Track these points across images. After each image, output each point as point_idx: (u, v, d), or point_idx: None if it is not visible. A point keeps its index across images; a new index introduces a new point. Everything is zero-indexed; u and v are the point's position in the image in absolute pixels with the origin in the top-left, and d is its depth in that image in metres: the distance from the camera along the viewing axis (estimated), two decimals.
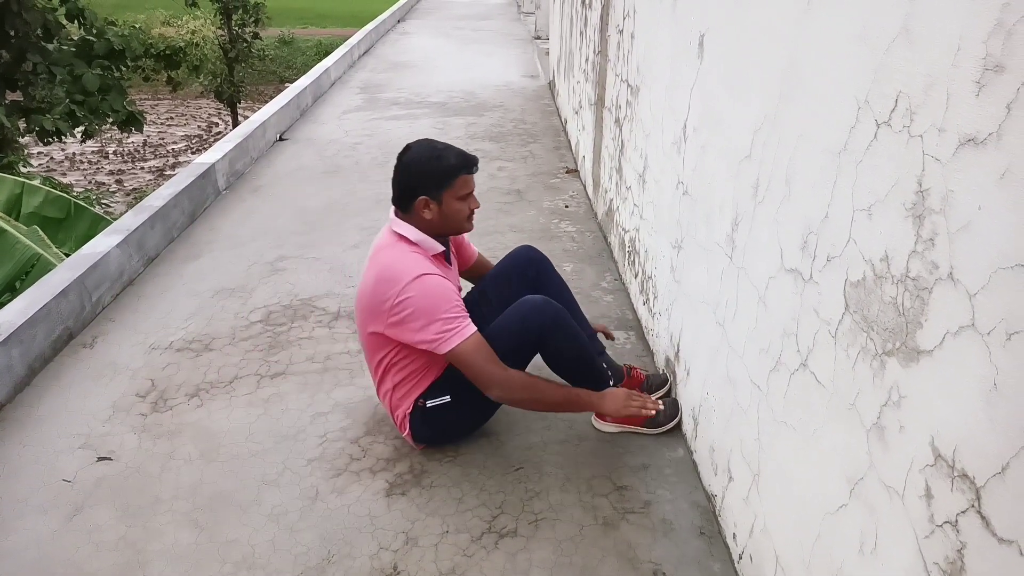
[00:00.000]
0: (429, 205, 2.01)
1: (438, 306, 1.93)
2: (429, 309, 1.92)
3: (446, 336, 1.92)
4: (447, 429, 2.18)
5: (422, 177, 2.00)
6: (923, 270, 1.00)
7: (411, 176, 2.01)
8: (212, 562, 1.82)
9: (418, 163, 2.01)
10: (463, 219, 2.08)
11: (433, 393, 2.09)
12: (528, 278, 2.35)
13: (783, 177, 1.50)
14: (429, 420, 2.11)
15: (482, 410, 2.18)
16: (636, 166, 3.01)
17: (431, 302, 1.93)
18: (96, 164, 15.87)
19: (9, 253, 3.92)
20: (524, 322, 2.06)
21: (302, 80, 6.98)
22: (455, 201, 2.03)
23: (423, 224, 2.04)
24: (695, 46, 2.14)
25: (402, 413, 2.13)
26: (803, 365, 1.39)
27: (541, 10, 10.24)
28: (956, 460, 0.93)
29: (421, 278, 1.93)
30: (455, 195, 2.02)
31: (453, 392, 2.08)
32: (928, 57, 0.99)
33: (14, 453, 2.21)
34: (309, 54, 25.32)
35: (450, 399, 2.08)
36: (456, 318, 1.94)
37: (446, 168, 2.00)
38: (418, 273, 1.94)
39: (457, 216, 2.05)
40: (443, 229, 2.07)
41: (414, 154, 2.02)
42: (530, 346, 2.09)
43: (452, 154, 2.02)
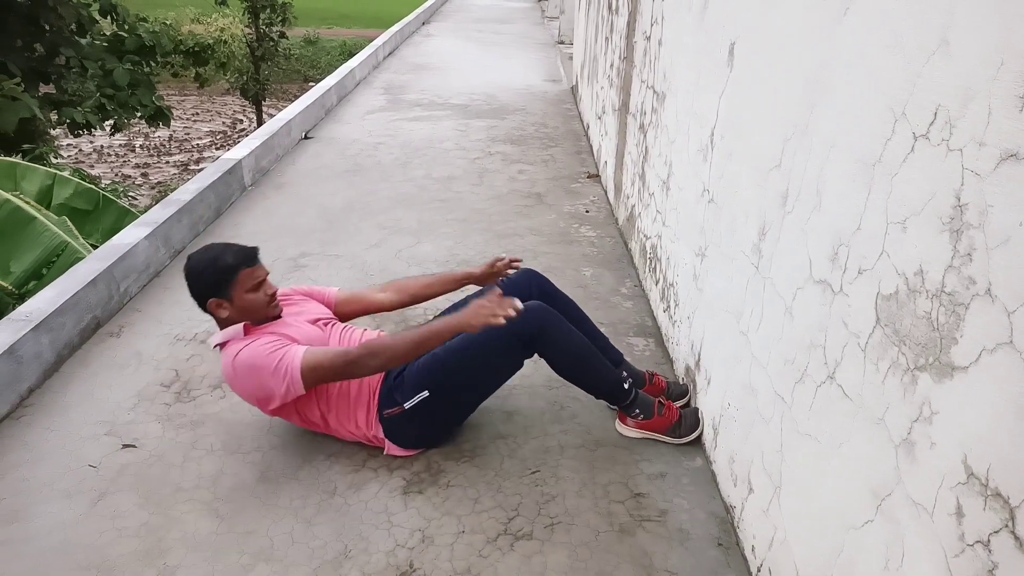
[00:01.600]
0: (222, 304, 2.03)
1: (260, 367, 1.96)
2: (259, 375, 1.97)
3: (288, 376, 1.96)
4: (435, 424, 2.16)
5: (204, 284, 2.02)
6: (959, 285, 0.99)
7: (195, 285, 2.03)
8: (231, 552, 1.84)
9: (196, 273, 2.03)
10: (262, 307, 2.07)
11: (406, 394, 2.08)
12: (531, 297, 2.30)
13: (813, 187, 1.49)
14: (416, 420, 2.10)
15: (465, 399, 2.18)
16: (660, 172, 3.00)
17: (254, 370, 1.97)
18: (123, 157, 16.08)
19: (38, 240, 3.98)
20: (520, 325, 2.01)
21: (327, 80, 7.03)
22: (246, 295, 2.04)
23: (227, 323, 2.07)
24: (725, 53, 2.14)
25: (371, 434, 2.14)
26: (830, 378, 1.38)
27: (565, 15, 10.25)
28: (990, 478, 0.92)
29: (235, 360, 1.98)
30: (243, 289, 2.03)
31: (429, 385, 2.07)
32: (968, 70, 0.99)
33: (41, 438, 2.24)
34: (333, 54, 25.51)
35: (428, 393, 2.07)
36: (281, 360, 1.96)
37: (223, 269, 2.01)
38: (230, 358, 2.00)
39: (255, 306, 2.06)
40: (248, 320, 2.07)
41: (191, 265, 2.04)
42: (524, 349, 2.09)
43: (229, 254, 2.04)
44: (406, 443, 2.16)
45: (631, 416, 2.23)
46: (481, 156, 5.29)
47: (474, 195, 4.48)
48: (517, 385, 2.46)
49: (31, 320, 2.49)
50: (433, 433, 2.19)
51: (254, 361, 1.97)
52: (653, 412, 2.21)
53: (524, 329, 2.04)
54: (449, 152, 5.38)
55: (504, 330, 1.98)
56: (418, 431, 2.14)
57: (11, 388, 2.36)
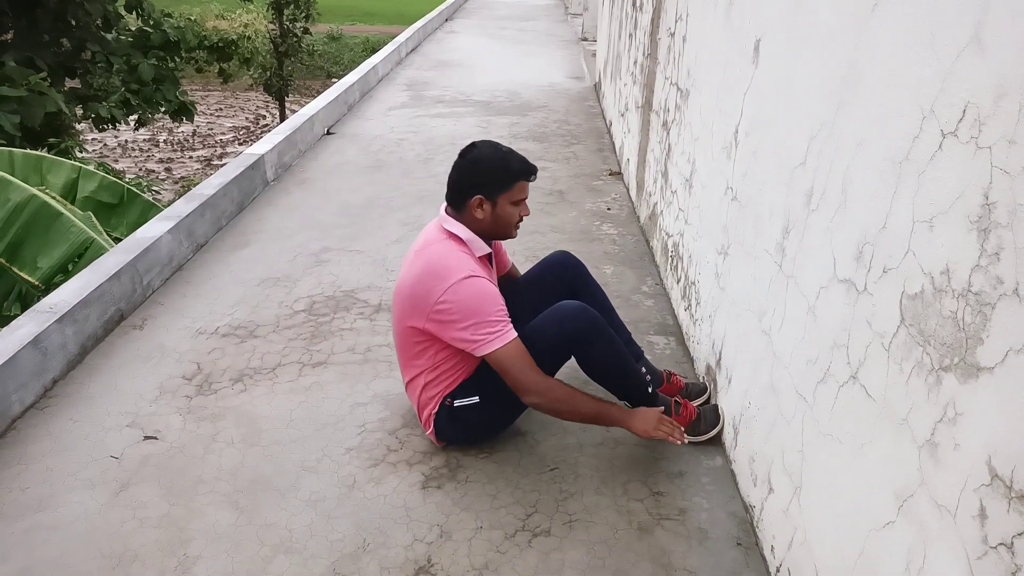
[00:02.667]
0: (483, 205, 2.03)
1: (484, 308, 1.94)
2: (474, 310, 1.93)
3: (488, 339, 1.93)
4: (472, 430, 2.18)
5: (483, 176, 2.02)
6: (986, 285, 0.98)
7: (472, 173, 2.03)
8: (251, 544, 1.86)
9: (482, 162, 2.03)
10: (512, 224, 2.10)
11: (462, 393, 2.10)
12: (564, 283, 2.35)
13: (839, 185, 1.47)
14: (456, 420, 2.12)
15: (509, 413, 2.18)
16: (683, 170, 2.98)
17: (477, 304, 1.94)
18: (147, 152, 16.28)
19: (65, 236, 4.03)
20: (560, 327, 2.05)
21: (350, 76, 7.06)
22: (509, 205, 2.05)
23: (473, 223, 2.06)
24: (750, 50, 2.12)
25: (429, 411, 2.14)
26: (853, 378, 1.37)
27: (589, 12, 10.21)
28: (1015, 480, 0.91)
29: (469, 279, 1.95)
30: (510, 199, 2.04)
31: (482, 393, 2.08)
32: (1000, 67, 0.97)
33: (65, 428, 2.28)
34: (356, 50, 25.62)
35: (479, 400, 2.09)
36: (500, 322, 1.95)
37: (508, 171, 2.03)
38: (467, 273, 1.95)
39: (508, 220, 2.08)
40: (492, 231, 2.09)
41: (479, 152, 2.05)
42: (564, 352, 2.08)
43: (515, 159, 2.05)
44: (442, 435, 2.17)
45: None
46: None
47: None
48: None
49: (56, 312, 2.53)
50: (465, 436, 2.20)
51: (483, 301, 1.94)
52: (671, 412, 2.20)
53: (567, 337, 2.05)
54: None
55: (552, 339, 2.02)
56: (454, 430, 2.15)
57: (36, 379, 2.40)
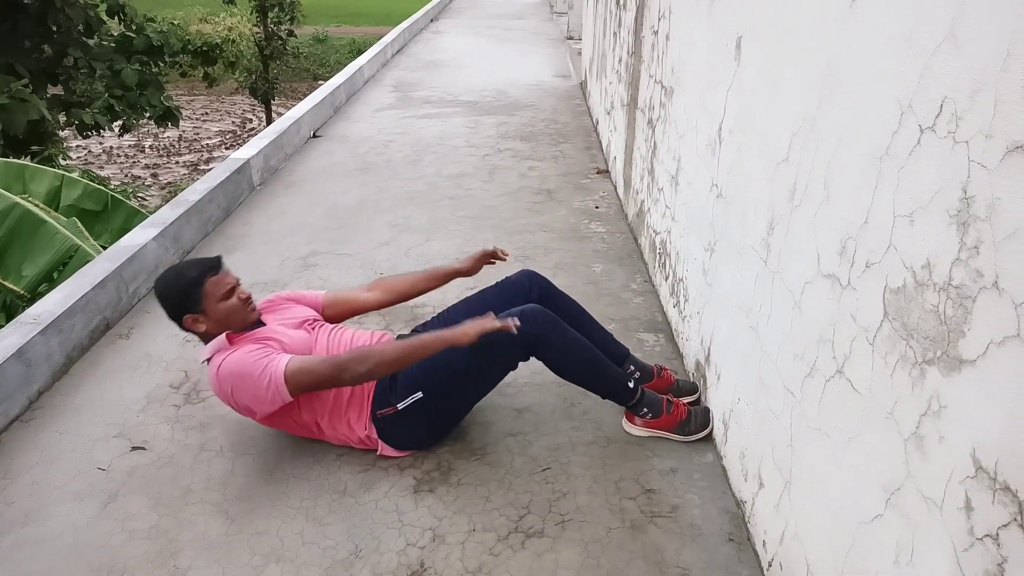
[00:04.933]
0: (198, 319, 2.02)
1: (244, 376, 1.95)
2: (244, 384, 1.96)
3: (273, 385, 1.95)
4: (428, 426, 2.16)
5: (175, 302, 2.02)
6: (967, 278, 0.98)
7: (167, 306, 2.03)
8: (242, 553, 1.85)
9: (164, 294, 2.03)
10: (240, 312, 2.06)
11: (401, 394, 2.08)
12: (531, 298, 2.30)
13: (821, 181, 1.48)
14: (408, 421, 2.09)
15: (464, 395, 2.16)
16: (669, 168, 2.99)
17: (239, 380, 1.96)
18: (132, 158, 16.18)
19: (49, 243, 4.00)
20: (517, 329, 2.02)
21: (336, 78, 7.05)
22: (218, 304, 2.02)
23: (207, 336, 2.06)
24: (732, 47, 2.12)
25: (364, 436, 2.13)
26: (839, 372, 1.37)
27: (574, 10, 10.22)
28: (998, 472, 0.91)
29: (219, 371, 1.98)
30: (214, 300, 2.01)
31: (422, 386, 2.07)
32: (976, 62, 0.97)
33: (52, 440, 2.26)
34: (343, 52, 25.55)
35: (423, 394, 2.07)
36: (265, 367, 1.95)
37: (189, 283, 2.00)
38: (215, 370, 1.99)
39: (231, 313, 2.04)
40: (229, 327, 2.05)
41: (158, 288, 2.05)
42: (522, 352, 2.08)
43: (190, 269, 2.04)
44: (398, 443, 2.15)
45: (639, 415, 2.22)
46: (491, 153, 5.29)
47: (484, 192, 4.48)
48: (527, 382, 2.46)
49: (40, 322, 2.51)
50: (425, 434, 2.18)
51: (239, 369, 1.96)
52: (661, 410, 2.20)
53: (527, 337, 2.03)
54: (459, 149, 5.38)
55: (508, 340, 2.00)
56: (410, 432, 2.14)
57: (21, 390, 2.38)
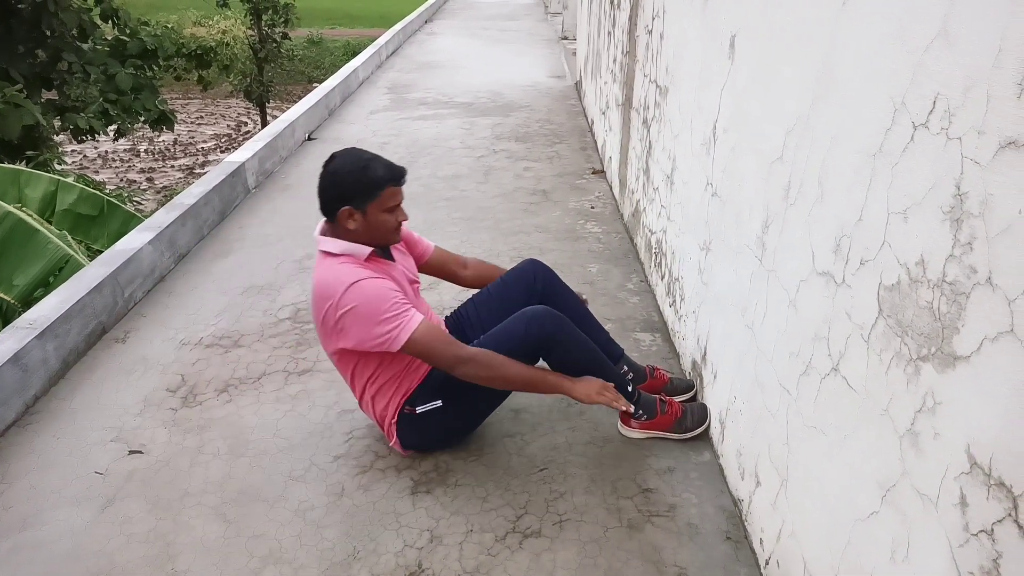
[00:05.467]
0: (353, 215, 1.94)
1: (377, 307, 1.89)
2: (370, 312, 1.89)
3: (394, 333, 1.90)
4: (440, 434, 2.16)
5: (347, 187, 1.93)
6: (960, 274, 0.98)
7: (336, 186, 1.94)
8: (240, 556, 1.85)
9: (343, 173, 1.93)
10: (389, 231, 2.00)
11: (422, 398, 2.08)
12: (535, 292, 2.30)
13: (815, 179, 1.48)
14: (420, 426, 2.10)
15: (474, 414, 2.17)
16: (664, 167, 2.99)
17: (370, 305, 1.90)
18: (128, 162, 16.16)
19: (41, 253, 3.98)
20: (526, 330, 2.02)
21: (331, 80, 7.04)
22: (381, 213, 1.95)
23: (348, 235, 1.98)
24: (726, 46, 2.13)
25: (388, 421, 2.12)
26: (834, 370, 1.38)
27: (568, 11, 10.22)
28: (993, 468, 0.91)
29: (353, 285, 1.90)
30: (381, 207, 1.95)
31: (444, 396, 2.07)
32: (968, 58, 0.98)
33: (48, 445, 2.26)
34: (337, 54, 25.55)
35: (441, 403, 2.07)
36: (398, 314, 1.90)
37: (372, 179, 1.93)
38: (350, 282, 1.90)
39: (383, 228, 1.98)
40: (369, 240, 2.00)
41: (339, 163, 1.95)
42: (530, 354, 2.06)
43: (379, 165, 1.95)
44: (407, 443, 2.15)
45: (634, 417, 2.21)
46: (486, 154, 5.29)
47: (480, 193, 4.48)
48: None
49: (36, 327, 2.51)
50: (432, 442, 2.19)
51: (375, 299, 1.89)
52: (656, 411, 2.20)
53: (534, 339, 2.03)
54: (455, 150, 5.38)
55: (518, 342, 2.01)
56: (419, 436, 2.14)
57: (17, 396, 2.37)
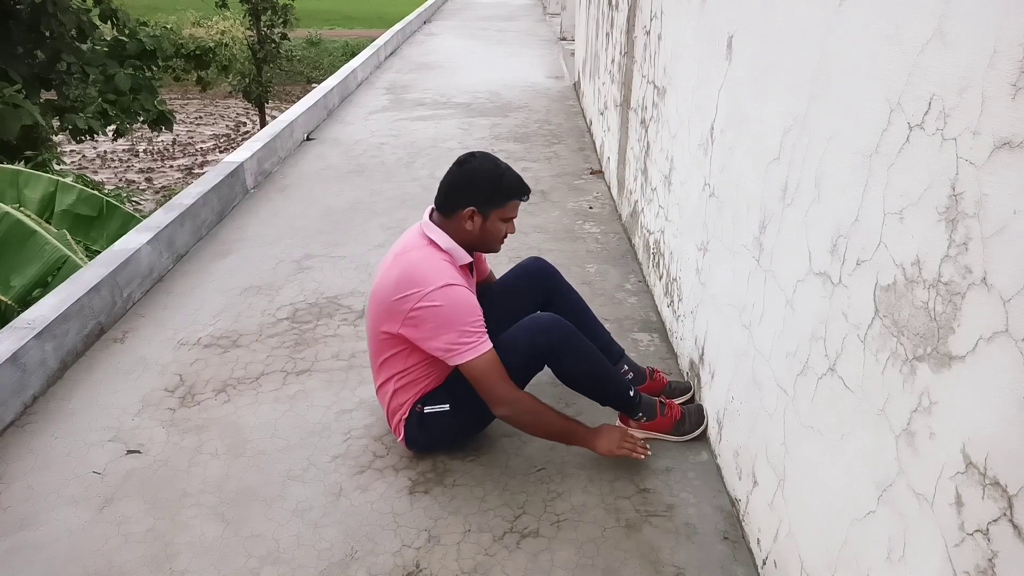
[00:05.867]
0: (474, 217, 2.00)
1: (460, 318, 1.91)
2: (451, 319, 1.91)
3: (463, 349, 1.91)
4: (442, 437, 2.16)
5: (480, 189, 2.00)
6: (956, 275, 0.99)
7: (469, 185, 2.00)
8: (238, 556, 1.85)
9: (480, 175, 2.01)
10: (498, 240, 2.09)
11: (433, 400, 2.09)
12: (539, 289, 2.33)
13: (812, 179, 1.49)
14: (425, 426, 2.10)
15: (479, 422, 2.17)
16: (662, 167, 3.00)
17: (454, 313, 1.91)
18: (127, 162, 16.16)
19: (39, 253, 3.98)
20: (532, 339, 2.03)
21: (329, 81, 7.04)
22: (499, 221, 2.04)
23: (460, 234, 2.03)
24: (723, 47, 2.13)
25: (400, 416, 2.12)
26: (831, 369, 1.38)
27: (567, 11, 10.22)
28: (988, 468, 0.92)
29: (448, 287, 1.92)
30: (502, 216, 2.03)
31: (453, 401, 2.07)
32: (963, 59, 0.98)
33: (47, 445, 2.26)
34: (336, 55, 25.56)
35: (449, 408, 2.08)
36: (476, 332, 1.93)
37: (505, 188, 2.01)
38: (446, 281, 1.93)
39: (495, 235, 2.07)
40: (477, 244, 2.08)
41: (478, 165, 2.02)
42: (537, 363, 2.08)
43: (512, 176, 2.04)
44: (411, 442, 2.16)
45: (634, 419, 2.21)
46: None
47: None
48: None
49: (34, 327, 2.50)
50: (434, 443, 2.19)
51: (461, 310, 1.91)
52: (656, 413, 2.20)
53: (541, 349, 2.04)
54: (453, 151, 5.37)
55: (524, 351, 2.01)
56: (423, 436, 2.14)
57: (16, 396, 2.37)
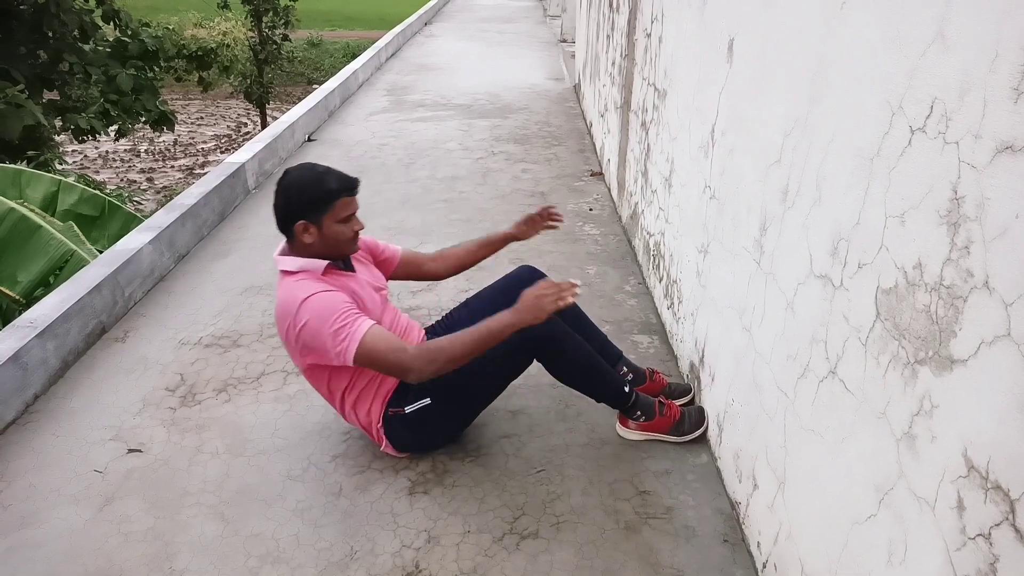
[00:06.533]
0: (309, 229, 1.96)
1: (325, 320, 1.90)
2: (320, 328, 1.91)
3: (344, 347, 1.90)
4: (434, 432, 2.16)
5: (300, 201, 1.96)
6: (957, 278, 0.99)
7: (288, 201, 1.97)
8: (237, 555, 1.85)
9: (297, 187, 1.97)
10: (346, 241, 2.03)
11: (408, 399, 2.08)
12: None
13: (813, 182, 1.49)
14: (413, 426, 2.10)
15: (468, 407, 2.17)
16: (662, 169, 3.00)
17: (319, 320, 1.91)
18: (128, 162, 16.16)
19: (43, 249, 3.99)
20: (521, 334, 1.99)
21: (330, 82, 7.05)
22: (336, 224, 1.98)
23: (305, 250, 2.00)
24: (724, 49, 2.13)
25: (375, 426, 2.12)
26: (832, 372, 1.38)
27: (567, 13, 10.24)
28: (990, 471, 0.92)
29: (305, 301, 1.92)
30: (335, 218, 1.97)
31: (433, 393, 2.07)
32: (964, 63, 0.98)
33: (48, 444, 2.26)
34: (337, 56, 25.56)
35: (430, 400, 2.07)
36: (346, 325, 1.90)
37: (326, 191, 1.95)
38: (303, 297, 1.92)
39: (339, 239, 2.00)
40: (326, 252, 2.02)
41: (293, 178, 1.98)
42: (525, 358, 2.08)
43: (332, 177, 1.98)
44: (399, 445, 2.16)
45: (632, 419, 2.22)
46: (485, 156, 5.29)
47: (478, 195, 4.49)
48: (522, 384, 2.46)
49: (36, 326, 2.51)
50: (427, 440, 2.19)
51: (326, 312, 1.89)
52: (654, 413, 2.21)
53: (529, 342, 2.03)
54: (453, 152, 5.38)
55: (512, 346, 1.99)
56: (413, 436, 2.14)
57: (17, 395, 2.37)
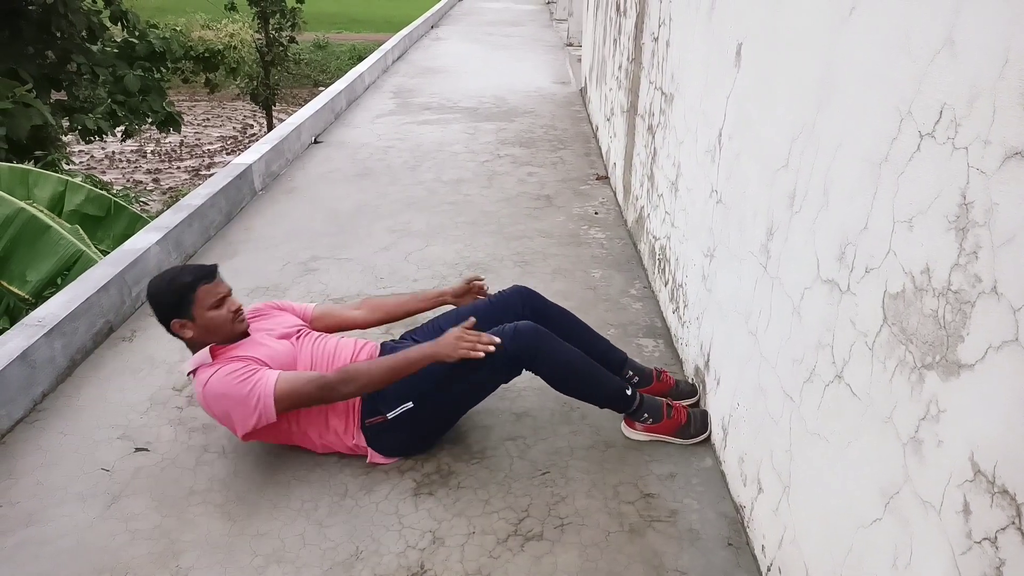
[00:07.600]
0: (185, 325, 2.03)
1: (231, 392, 1.95)
2: (232, 401, 1.95)
3: (260, 404, 1.94)
4: (422, 433, 2.17)
5: (165, 304, 2.03)
6: (965, 283, 0.99)
7: (157, 307, 2.05)
8: (243, 554, 1.86)
9: (155, 295, 2.05)
10: (228, 323, 2.06)
11: (392, 404, 2.08)
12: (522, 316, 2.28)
13: (820, 186, 1.49)
14: (397, 431, 2.10)
15: (453, 406, 2.17)
16: (668, 173, 3.01)
17: (227, 396, 1.95)
18: (134, 163, 16.23)
19: (53, 249, 4.02)
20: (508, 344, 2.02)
21: (337, 84, 7.07)
22: (208, 312, 2.03)
23: (194, 344, 2.07)
24: (732, 54, 2.14)
25: (355, 443, 2.13)
26: (838, 377, 1.38)
27: (574, 17, 10.26)
28: (996, 476, 0.92)
29: (206, 388, 1.97)
30: (204, 306, 2.02)
31: (413, 396, 2.07)
32: (973, 68, 0.99)
33: (55, 442, 2.27)
34: (343, 58, 25.64)
35: (412, 404, 2.07)
36: (253, 387, 1.94)
37: (181, 287, 2.01)
38: (201, 386, 1.98)
39: (218, 323, 2.05)
40: (215, 338, 2.06)
41: (151, 288, 2.06)
42: (514, 368, 2.10)
43: (184, 273, 2.05)
44: (388, 451, 2.16)
45: (639, 420, 2.22)
46: (490, 159, 5.31)
47: (483, 197, 4.50)
48: (526, 387, 2.47)
49: (44, 325, 2.52)
50: (417, 441, 2.19)
51: (225, 390, 1.95)
52: (662, 415, 2.21)
53: (515, 352, 2.04)
54: (458, 155, 5.40)
55: (500, 356, 2.00)
56: (401, 440, 2.15)
57: (25, 393, 2.39)
